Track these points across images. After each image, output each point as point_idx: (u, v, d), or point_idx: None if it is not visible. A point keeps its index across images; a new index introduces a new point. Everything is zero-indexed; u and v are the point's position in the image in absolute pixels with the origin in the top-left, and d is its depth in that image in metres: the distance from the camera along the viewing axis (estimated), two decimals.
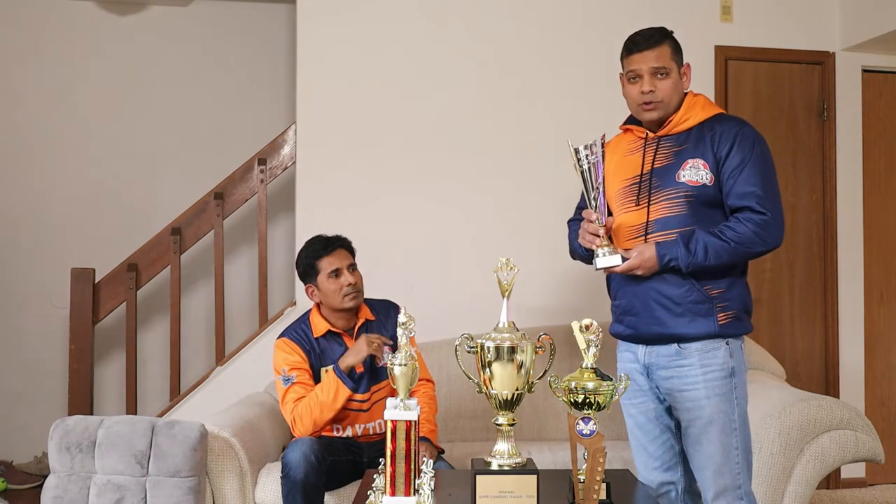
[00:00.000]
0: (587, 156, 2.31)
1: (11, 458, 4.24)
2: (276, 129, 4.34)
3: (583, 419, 2.04)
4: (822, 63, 4.27)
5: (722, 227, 2.29)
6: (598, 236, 2.34)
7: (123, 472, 2.70)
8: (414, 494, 2.06)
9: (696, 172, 2.33)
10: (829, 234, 4.24)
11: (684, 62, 2.44)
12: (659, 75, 2.37)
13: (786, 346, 4.21)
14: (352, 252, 3.10)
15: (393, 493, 2.04)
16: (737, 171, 2.30)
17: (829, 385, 4.22)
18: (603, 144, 2.31)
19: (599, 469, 1.93)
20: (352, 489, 2.93)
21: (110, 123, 4.58)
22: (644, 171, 2.40)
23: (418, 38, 4.00)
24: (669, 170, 2.36)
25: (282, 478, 2.79)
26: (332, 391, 2.90)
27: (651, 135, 2.44)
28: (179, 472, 2.70)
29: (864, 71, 4.32)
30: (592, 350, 2.08)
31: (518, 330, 2.12)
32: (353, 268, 3.05)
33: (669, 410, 2.44)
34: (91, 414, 3.84)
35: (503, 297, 2.12)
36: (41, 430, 3.23)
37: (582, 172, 2.33)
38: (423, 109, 3.98)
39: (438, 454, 2.96)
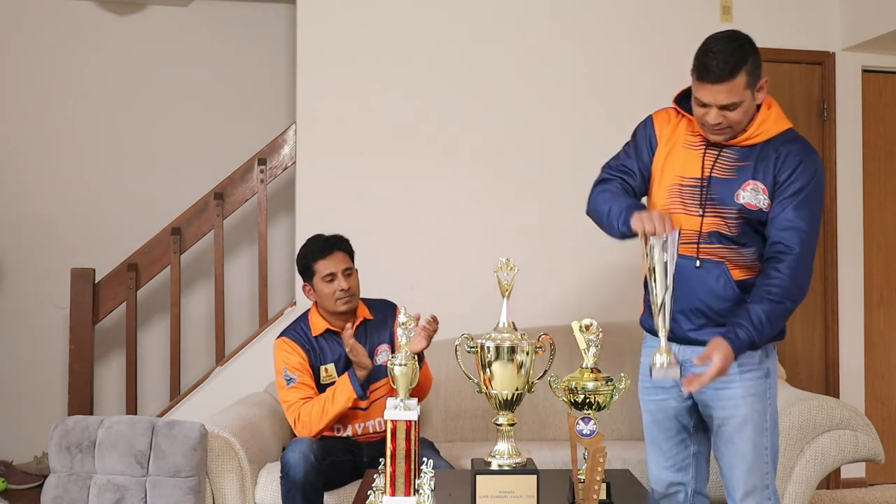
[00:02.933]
0: (659, 252, 2.08)
1: (11, 458, 4.24)
2: (276, 129, 4.34)
3: (583, 419, 2.04)
4: (822, 63, 4.27)
5: (769, 287, 2.19)
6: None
7: (123, 472, 2.70)
8: (414, 494, 2.06)
9: (755, 196, 2.25)
10: (829, 235, 4.23)
11: (762, 78, 2.24)
12: (730, 108, 2.19)
13: (786, 346, 4.21)
14: (350, 254, 3.10)
15: (393, 493, 2.05)
16: (789, 200, 2.22)
17: (829, 385, 4.22)
18: (678, 240, 2.13)
19: (599, 469, 1.93)
20: (352, 489, 2.93)
21: (110, 123, 4.58)
22: (704, 176, 2.29)
23: (419, 38, 3.99)
24: (729, 186, 2.26)
25: (281, 478, 2.80)
26: (343, 397, 2.91)
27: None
28: (179, 472, 2.70)
29: (864, 71, 4.32)
30: (592, 350, 2.08)
31: (518, 330, 2.12)
32: (348, 272, 3.04)
33: (690, 410, 2.40)
34: (91, 414, 3.84)
35: (503, 297, 2.12)
36: (41, 430, 3.24)
37: (650, 269, 2.11)
38: (423, 109, 3.98)
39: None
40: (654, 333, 2.38)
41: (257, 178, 4.00)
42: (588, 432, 2.04)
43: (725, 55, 2.14)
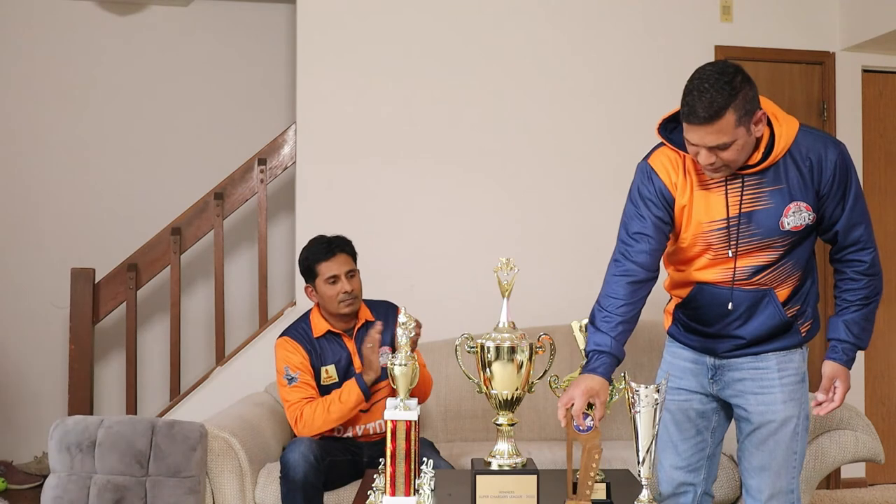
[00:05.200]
0: (646, 397, 1.85)
1: (11, 458, 4.24)
2: (276, 129, 4.34)
3: (582, 417, 2.04)
4: (822, 63, 4.27)
5: (853, 297, 2.24)
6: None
7: (123, 472, 2.70)
8: (414, 494, 2.06)
9: (799, 216, 2.13)
10: None
11: (759, 111, 2.04)
12: (719, 148, 2.03)
13: None
14: (353, 255, 3.10)
15: (393, 493, 2.05)
16: (840, 205, 2.15)
17: None
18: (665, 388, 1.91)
19: (594, 465, 1.92)
20: (351, 489, 2.93)
21: (110, 123, 4.57)
22: (730, 216, 2.13)
23: (419, 39, 4.00)
24: (768, 216, 2.12)
25: (280, 478, 2.80)
26: (350, 400, 2.91)
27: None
28: (179, 472, 2.70)
29: (864, 71, 4.32)
30: None
31: (518, 330, 2.12)
32: (351, 274, 3.04)
33: (713, 412, 2.37)
34: (91, 414, 3.84)
35: (503, 297, 2.12)
36: (41, 430, 3.24)
37: (634, 419, 1.87)
38: (423, 109, 3.98)
39: None
40: (683, 343, 2.36)
41: (257, 178, 4.00)
42: (585, 428, 2.03)
43: (711, 94, 1.97)
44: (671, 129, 2.19)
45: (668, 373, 2.28)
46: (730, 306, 2.21)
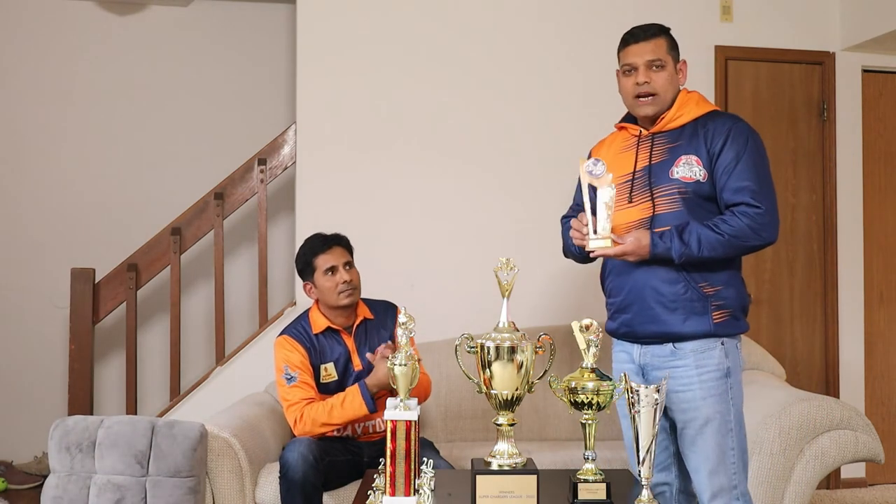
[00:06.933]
0: (646, 397, 1.94)
1: (11, 458, 4.24)
2: (276, 129, 4.34)
3: (591, 161, 2.28)
4: (822, 63, 4.27)
5: (716, 220, 2.28)
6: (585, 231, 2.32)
7: (123, 472, 2.70)
8: (414, 494, 2.06)
9: (689, 169, 2.32)
10: (829, 234, 4.23)
11: (681, 59, 2.45)
12: (654, 67, 2.38)
13: (786, 346, 4.21)
14: (349, 250, 3.11)
15: (393, 493, 2.05)
16: (730, 166, 2.29)
17: (829, 385, 4.22)
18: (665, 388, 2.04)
19: (610, 204, 2.21)
20: (351, 489, 2.93)
21: (110, 123, 4.58)
22: (637, 169, 2.39)
23: (419, 38, 4.00)
24: (663, 166, 2.36)
25: (280, 478, 2.80)
26: (353, 408, 2.89)
27: (644, 132, 2.43)
28: (179, 472, 2.70)
29: (864, 71, 4.32)
30: (592, 350, 2.09)
31: (518, 330, 2.12)
32: (349, 266, 3.05)
33: (664, 411, 2.42)
34: (91, 414, 3.84)
35: (503, 297, 2.12)
36: (41, 430, 3.24)
37: (634, 419, 1.96)
38: (423, 109, 3.98)
39: None
40: (614, 333, 2.46)
41: (257, 178, 4.00)
42: (598, 172, 2.24)
43: (648, 25, 2.45)
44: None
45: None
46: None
